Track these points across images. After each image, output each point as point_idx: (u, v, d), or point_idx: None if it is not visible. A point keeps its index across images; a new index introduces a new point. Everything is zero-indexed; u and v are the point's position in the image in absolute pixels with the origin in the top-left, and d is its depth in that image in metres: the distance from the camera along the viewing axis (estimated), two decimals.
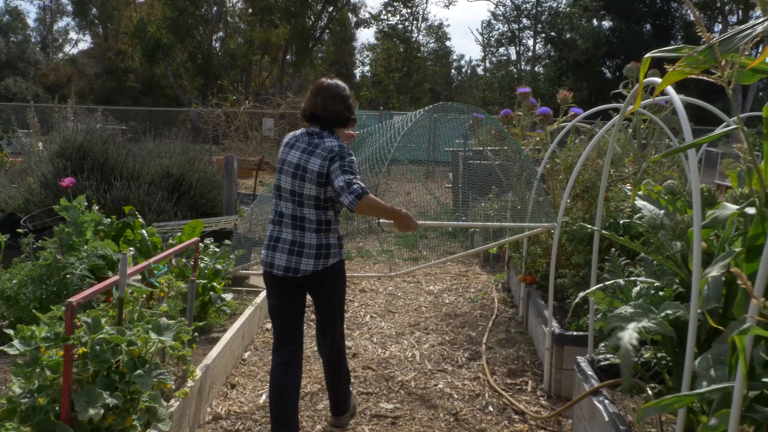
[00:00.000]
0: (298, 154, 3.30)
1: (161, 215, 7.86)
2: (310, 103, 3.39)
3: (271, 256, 3.28)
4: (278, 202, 3.35)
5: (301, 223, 3.27)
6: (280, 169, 3.34)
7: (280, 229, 3.31)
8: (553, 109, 5.63)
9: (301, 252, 3.23)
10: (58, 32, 57.84)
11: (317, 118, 3.37)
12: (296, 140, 3.38)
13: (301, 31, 37.45)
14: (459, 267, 7.28)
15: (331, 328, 3.50)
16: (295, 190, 3.26)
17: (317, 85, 3.44)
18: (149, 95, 40.66)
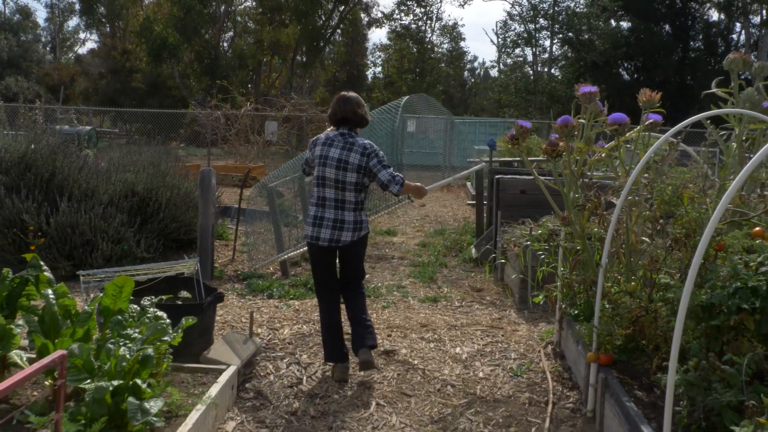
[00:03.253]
0: (339, 151, 4.25)
1: (120, 244, 6.43)
2: (341, 109, 4.36)
3: (317, 231, 4.23)
4: (321, 189, 4.27)
5: (342, 205, 4.24)
6: (324, 163, 4.24)
7: (323, 210, 4.24)
8: None
9: (342, 227, 4.23)
10: (68, 32, 57.31)
11: (347, 121, 4.36)
12: (333, 140, 4.31)
13: (311, 30, 36.45)
14: (491, 313, 5.80)
15: (357, 278, 4.50)
16: (339, 178, 4.22)
17: (343, 96, 4.44)
18: (155, 96, 39.69)
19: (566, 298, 4.48)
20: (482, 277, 7.15)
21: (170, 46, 34.89)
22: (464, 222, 11.07)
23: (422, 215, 12.07)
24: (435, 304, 6.07)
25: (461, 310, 5.86)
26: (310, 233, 4.26)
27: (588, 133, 4.02)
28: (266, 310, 5.67)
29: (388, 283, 6.83)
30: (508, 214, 7.36)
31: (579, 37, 37.25)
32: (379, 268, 7.56)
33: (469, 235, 9.21)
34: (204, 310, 4.21)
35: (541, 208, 7.32)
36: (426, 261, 7.86)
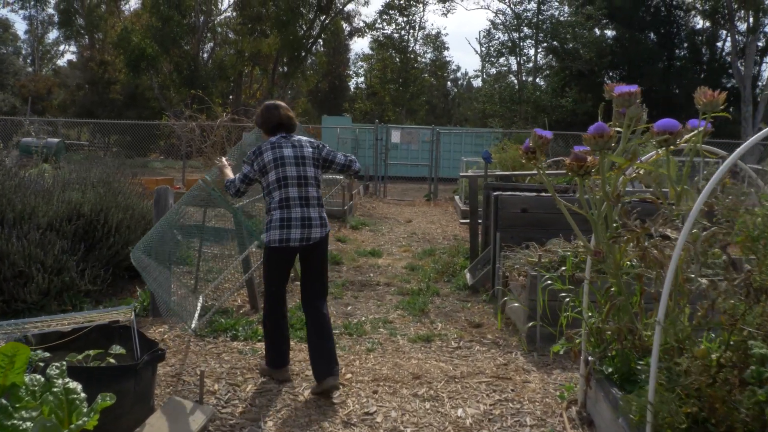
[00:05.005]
0: (291, 149, 4.26)
1: (60, 275, 5.49)
2: (275, 116, 4.38)
3: (287, 233, 4.12)
4: (283, 190, 4.16)
5: (306, 202, 4.19)
6: (281, 164, 4.18)
7: (288, 211, 4.14)
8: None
9: (310, 224, 4.17)
10: (48, 44, 56.37)
11: (282, 125, 4.38)
12: (278, 143, 4.27)
13: (292, 41, 35.69)
14: (494, 357, 4.92)
15: (324, 291, 4.39)
16: (300, 174, 4.21)
17: (273, 103, 4.48)
18: (133, 107, 38.91)
19: (595, 350, 3.61)
20: (480, 309, 6.28)
21: (148, 57, 34.07)
22: (455, 241, 10.20)
23: (409, 232, 11.18)
24: (428, 344, 5.18)
25: (460, 353, 4.97)
26: (277, 237, 4.11)
27: (626, 145, 3.16)
28: (227, 357, 4.75)
29: (374, 317, 5.94)
30: (508, 236, 6.51)
31: (564, 46, 36.61)
32: (362, 298, 6.67)
33: (462, 256, 8.34)
34: (139, 373, 3.30)
35: (544, 229, 6.48)
36: (416, 288, 6.97)
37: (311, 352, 4.19)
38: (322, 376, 4.05)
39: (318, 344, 4.15)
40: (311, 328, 4.23)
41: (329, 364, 4.08)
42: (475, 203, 7.97)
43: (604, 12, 35.08)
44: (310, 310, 4.28)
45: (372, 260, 8.63)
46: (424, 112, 45.86)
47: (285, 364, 4.37)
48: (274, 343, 4.32)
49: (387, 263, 8.46)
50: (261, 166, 4.22)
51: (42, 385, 2.77)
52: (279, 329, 4.31)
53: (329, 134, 23.48)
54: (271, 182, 4.18)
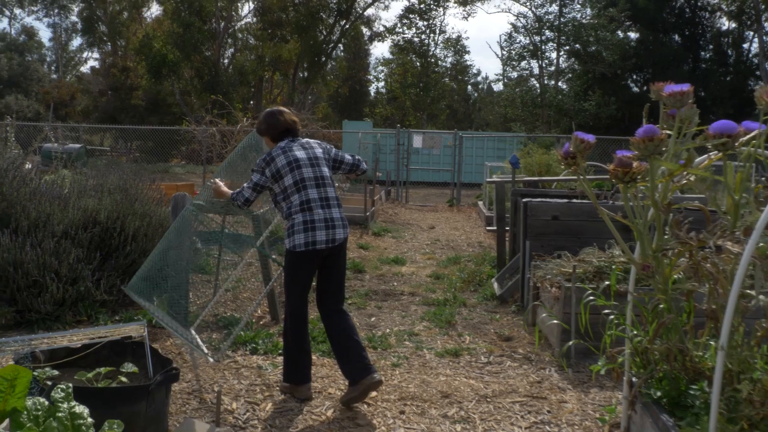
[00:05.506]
0: (302, 151, 4.16)
1: (75, 285, 5.31)
2: (281, 121, 4.27)
3: (312, 236, 3.96)
4: (303, 192, 4.03)
5: (327, 202, 4.07)
6: (296, 166, 4.07)
7: (311, 213, 4.00)
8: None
9: (334, 225, 4.03)
10: (72, 51, 57.02)
11: (289, 131, 4.27)
12: (289, 147, 4.16)
13: (312, 46, 35.67)
14: (527, 373, 4.67)
15: (342, 296, 4.26)
16: (317, 175, 4.11)
17: (277, 109, 4.38)
18: (155, 113, 39.10)
19: (640, 371, 3.35)
20: (509, 321, 6.02)
21: (170, 63, 34.22)
22: (480, 248, 9.95)
23: (432, 239, 10.94)
24: (457, 359, 4.94)
25: (490, 369, 4.72)
26: (302, 240, 3.96)
27: (677, 149, 2.91)
28: (246, 372, 4.54)
29: (398, 329, 5.70)
30: (538, 244, 6.24)
31: (586, 49, 36.25)
32: (386, 308, 6.44)
33: (489, 265, 8.08)
34: (151, 394, 3.09)
35: (576, 238, 6.22)
36: (441, 298, 6.73)
37: (342, 355, 4.04)
38: (362, 374, 3.92)
39: (348, 345, 4.01)
40: (337, 332, 4.08)
41: (366, 362, 3.98)
42: (502, 210, 7.71)
43: (627, 14, 34.68)
44: (332, 315, 4.15)
45: (395, 268, 8.39)
46: (444, 116, 45.60)
47: (307, 381, 4.14)
48: (295, 358, 4.11)
49: (411, 271, 8.23)
50: (274, 172, 4.09)
51: (46, 409, 2.57)
52: (301, 342, 4.12)
53: (350, 139, 23.31)
54: (288, 186, 4.06)
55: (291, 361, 4.12)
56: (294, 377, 4.11)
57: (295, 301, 4.11)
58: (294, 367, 4.11)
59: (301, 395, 4.08)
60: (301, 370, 4.12)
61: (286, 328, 4.13)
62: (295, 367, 4.11)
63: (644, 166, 3.08)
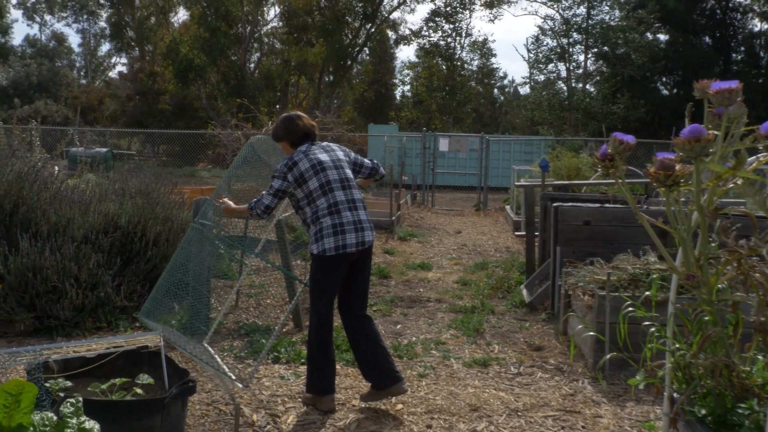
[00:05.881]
0: (324, 154, 4.07)
1: (95, 290, 5.22)
2: (300, 126, 4.18)
3: (342, 239, 3.85)
4: (329, 195, 3.93)
5: (354, 204, 3.98)
6: (321, 169, 3.97)
7: (339, 216, 3.89)
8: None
9: (362, 227, 3.94)
10: (101, 57, 57.68)
11: (309, 135, 4.19)
12: (311, 150, 4.07)
13: (338, 49, 35.65)
14: (559, 385, 4.48)
15: (366, 300, 4.17)
16: (342, 177, 4.02)
17: (295, 114, 4.29)
18: (181, 117, 39.37)
19: (682, 386, 3.15)
20: (540, 329, 5.82)
21: (196, 68, 34.38)
22: (508, 253, 9.74)
23: (459, 244, 10.75)
24: (485, 370, 4.76)
25: (520, 381, 4.53)
26: (332, 244, 3.85)
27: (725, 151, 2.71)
28: (268, 382, 4.40)
29: (425, 338, 5.53)
30: (569, 250, 6.04)
31: (614, 51, 35.78)
32: (412, 316, 6.27)
33: (517, 271, 7.88)
34: (166, 407, 2.95)
35: (609, 243, 6.00)
36: (469, 305, 6.55)
37: (366, 361, 3.98)
38: (389, 382, 3.89)
39: (375, 351, 3.96)
40: (361, 337, 4.01)
41: (394, 369, 3.94)
42: (531, 214, 7.51)
43: (656, 15, 34.16)
44: (356, 321, 4.05)
45: (421, 274, 8.22)
46: (471, 120, 45.32)
47: (330, 392, 3.98)
48: (320, 367, 3.97)
49: (437, 277, 8.05)
50: (297, 176, 3.96)
51: (54, 425, 2.45)
52: (326, 351, 3.99)
53: (376, 143, 23.17)
54: (313, 190, 3.95)
55: (315, 370, 3.98)
56: (317, 388, 3.97)
57: (323, 309, 3.99)
58: (318, 377, 3.97)
59: (324, 407, 3.92)
60: (325, 380, 3.97)
61: (311, 336, 4.00)
62: (320, 377, 3.96)
63: (688, 169, 2.89)
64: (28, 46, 55.32)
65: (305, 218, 4.02)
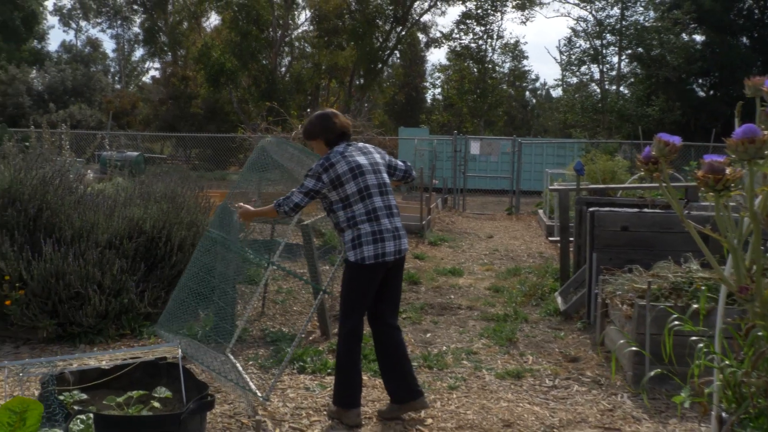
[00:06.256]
0: (362, 157, 3.87)
1: (118, 297, 5.12)
2: (337, 124, 3.96)
3: (381, 247, 3.71)
4: (368, 201, 3.77)
5: (389, 211, 3.83)
6: (359, 173, 3.79)
7: (378, 223, 3.75)
8: None
9: (399, 235, 3.82)
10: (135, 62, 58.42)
11: (345, 134, 3.99)
12: (348, 151, 3.87)
13: (368, 52, 35.57)
14: (597, 399, 4.27)
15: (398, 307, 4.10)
16: (380, 182, 3.86)
17: (331, 111, 4.09)
18: (213, 121, 39.53)
19: (731, 405, 2.93)
20: (575, 339, 5.61)
21: (228, 72, 34.50)
22: (541, 259, 9.50)
23: (491, 249, 10.53)
24: (519, 382, 4.56)
25: (556, 395, 4.32)
26: (372, 252, 3.71)
27: None
28: (293, 393, 4.25)
29: (456, 347, 5.35)
30: (605, 257, 5.82)
31: (649, 53, 35.22)
32: (442, 323, 6.09)
33: (551, 277, 7.65)
34: (183, 423, 2.81)
35: (648, 250, 5.76)
36: (501, 313, 6.34)
37: (391, 373, 3.88)
38: (411, 396, 3.81)
39: (401, 363, 3.86)
40: (390, 349, 3.89)
41: (416, 383, 3.87)
42: (565, 219, 7.28)
43: (692, 16, 33.54)
44: (387, 331, 3.91)
45: (452, 280, 8.03)
46: (502, 123, 44.95)
47: (357, 406, 3.83)
48: (349, 380, 3.82)
49: (468, 283, 7.85)
50: (333, 178, 3.77)
51: None
52: (355, 362, 3.87)
53: (406, 146, 23.00)
54: (350, 194, 3.77)
55: (343, 382, 3.82)
56: (345, 400, 3.81)
57: (355, 318, 3.85)
58: (345, 389, 3.82)
59: (350, 421, 3.76)
60: (352, 393, 3.83)
61: (340, 347, 3.84)
62: (347, 390, 3.82)
63: (739, 173, 2.68)
64: (64, 51, 56.24)
65: (338, 222, 3.86)
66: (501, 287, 7.54)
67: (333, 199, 3.83)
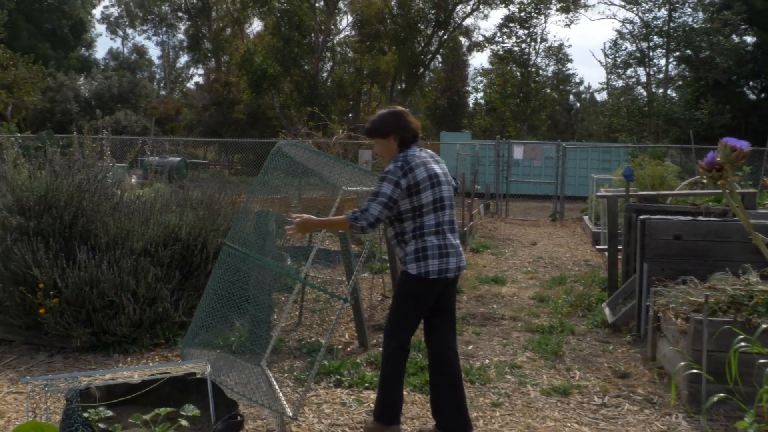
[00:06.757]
0: (437, 165, 3.63)
1: (153, 305, 5.02)
2: (412, 124, 3.66)
3: (446, 263, 3.53)
4: (439, 213, 3.57)
5: (452, 226, 3.65)
6: (436, 183, 3.55)
7: (444, 237, 3.55)
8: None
9: (459, 252, 3.64)
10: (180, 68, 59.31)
11: (418, 136, 3.68)
12: (424, 157, 3.61)
13: (410, 57, 35.44)
14: (650, 420, 4.02)
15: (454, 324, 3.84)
16: (450, 195, 3.66)
17: (404, 110, 3.74)
18: (255, 126, 39.86)
19: None
20: (625, 353, 5.34)
21: (270, 77, 34.76)
22: (588, 267, 9.20)
23: (534, 256, 10.26)
24: (566, 399, 4.33)
25: (606, 414, 4.08)
26: (437, 267, 3.51)
27: None
28: (329, 409, 4.08)
29: (499, 360, 5.13)
30: (657, 267, 5.54)
31: (698, 55, 34.40)
32: (485, 335, 5.87)
33: (598, 287, 7.37)
34: None
35: (702, 260, 5.47)
36: (546, 325, 6.09)
37: (442, 400, 3.64)
38: (459, 429, 3.61)
39: (456, 393, 3.63)
40: (447, 375, 3.64)
41: (466, 416, 3.64)
42: (614, 227, 7.00)
43: (743, 17, 32.67)
44: (446, 354, 3.68)
45: (495, 288, 7.79)
46: (545, 127, 44.39)
47: (397, 422, 3.66)
48: (393, 395, 3.63)
49: (512, 292, 7.61)
50: (411, 184, 3.49)
51: None
52: (400, 378, 3.66)
53: (448, 151, 22.75)
54: (425, 204, 3.52)
55: (387, 398, 3.63)
56: (386, 416, 3.62)
57: (405, 333, 3.64)
58: (389, 405, 3.63)
59: None
60: (396, 409, 3.66)
61: (388, 361, 3.63)
62: (391, 406, 3.64)
63: None
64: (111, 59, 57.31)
65: (401, 232, 3.59)
66: (546, 297, 7.29)
67: (403, 208, 3.54)
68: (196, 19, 46.00)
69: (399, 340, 3.61)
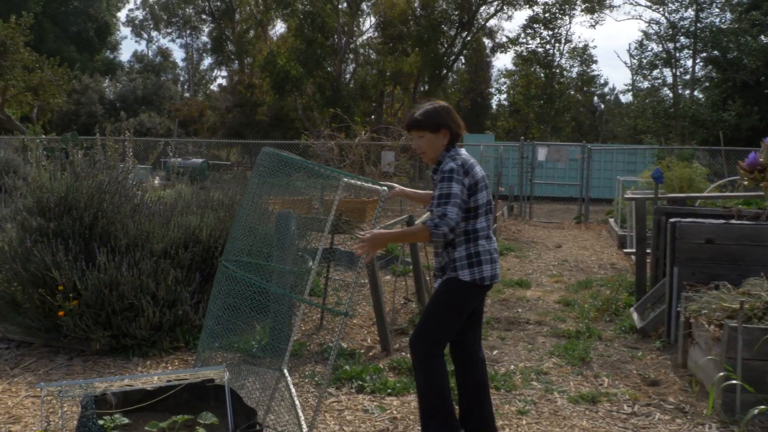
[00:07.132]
0: (480, 168, 3.42)
1: (173, 308, 4.96)
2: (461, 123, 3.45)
3: (496, 268, 3.42)
4: (487, 216, 3.42)
5: (492, 232, 3.49)
6: (485, 186, 3.39)
7: (491, 241, 3.43)
8: None
9: (497, 258, 3.47)
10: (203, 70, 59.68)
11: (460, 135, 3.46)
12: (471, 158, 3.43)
13: (433, 58, 35.37)
14: (682, 430, 3.88)
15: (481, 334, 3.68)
16: (490, 200, 3.45)
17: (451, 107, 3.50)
18: (278, 128, 39.97)
19: None
20: (654, 359, 5.19)
21: (293, 79, 34.82)
22: (614, 270, 9.03)
23: (559, 259, 10.09)
24: (594, 407, 4.20)
25: (636, 423, 3.95)
26: (489, 273, 3.37)
27: None
28: (350, 416, 3.99)
29: (524, 366, 5.01)
30: (688, 271, 5.38)
31: (725, 56, 33.90)
32: (510, 340, 5.74)
33: (626, 291, 7.20)
34: None
35: (735, 265, 5.30)
36: (573, 330, 5.96)
37: (470, 407, 3.51)
38: None
39: (483, 401, 3.52)
40: (474, 382, 3.53)
41: (493, 425, 3.54)
42: (642, 230, 6.85)
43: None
44: (473, 361, 3.57)
45: (519, 292, 7.66)
46: (570, 129, 44.00)
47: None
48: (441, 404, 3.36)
49: (537, 296, 7.47)
50: (472, 184, 3.31)
51: None
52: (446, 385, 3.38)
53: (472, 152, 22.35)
54: (480, 205, 3.35)
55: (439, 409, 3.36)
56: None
57: (443, 344, 3.41)
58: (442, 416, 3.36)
59: None
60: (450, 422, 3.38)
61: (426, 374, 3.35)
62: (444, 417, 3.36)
63: None
64: (136, 61, 57.83)
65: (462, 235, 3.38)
66: (572, 301, 7.14)
67: None
68: (219, 21, 46.28)
69: (437, 349, 3.37)
